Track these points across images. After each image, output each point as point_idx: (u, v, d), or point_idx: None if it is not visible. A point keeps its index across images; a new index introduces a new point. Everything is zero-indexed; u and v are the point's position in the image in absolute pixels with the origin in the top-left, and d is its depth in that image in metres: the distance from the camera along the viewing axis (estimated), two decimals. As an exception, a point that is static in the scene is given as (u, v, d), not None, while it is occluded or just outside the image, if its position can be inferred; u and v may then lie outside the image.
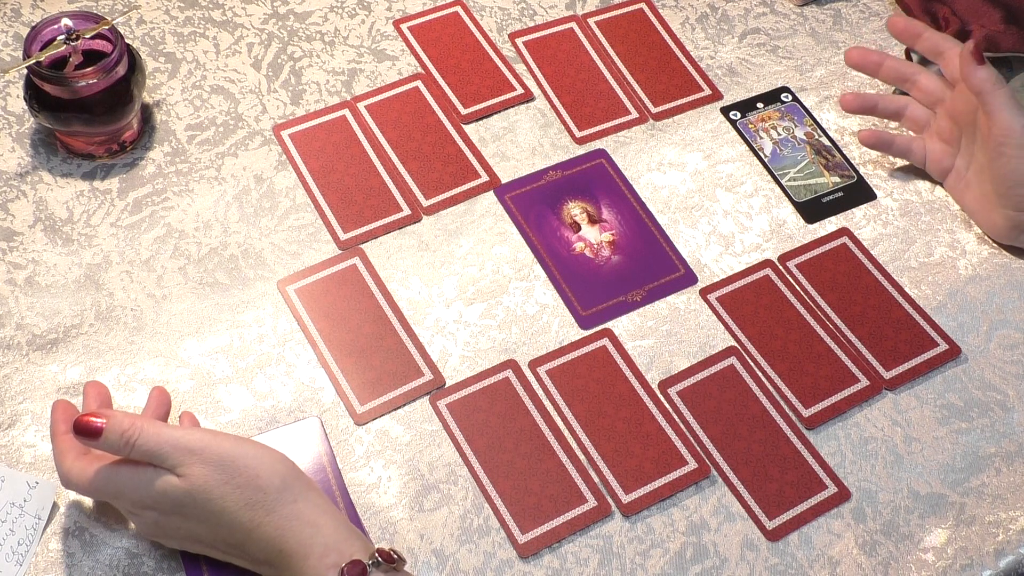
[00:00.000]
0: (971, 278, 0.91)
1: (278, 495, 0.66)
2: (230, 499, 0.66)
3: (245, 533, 0.66)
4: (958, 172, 0.93)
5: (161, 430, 0.67)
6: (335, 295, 0.85)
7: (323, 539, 0.66)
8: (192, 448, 0.66)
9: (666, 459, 0.79)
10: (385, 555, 0.66)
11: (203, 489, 0.66)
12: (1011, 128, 0.86)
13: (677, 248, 0.91)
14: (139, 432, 0.66)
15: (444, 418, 0.80)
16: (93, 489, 0.69)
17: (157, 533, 0.69)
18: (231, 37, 0.99)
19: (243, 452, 0.67)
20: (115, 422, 0.66)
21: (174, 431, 0.67)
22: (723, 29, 1.05)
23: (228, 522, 0.66)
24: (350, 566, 0.65)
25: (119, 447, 0.66)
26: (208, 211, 0.88)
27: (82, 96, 0.84)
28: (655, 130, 0.98)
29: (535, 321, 0.85)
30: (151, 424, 0.67)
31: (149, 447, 0.66)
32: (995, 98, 0.86)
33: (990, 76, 0.87)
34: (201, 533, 0.68)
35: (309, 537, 0.66)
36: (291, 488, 0.67)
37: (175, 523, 0.68)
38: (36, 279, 0.83)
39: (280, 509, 0.66)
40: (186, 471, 0.66)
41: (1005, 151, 0.86)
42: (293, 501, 0.67)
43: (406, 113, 0.96)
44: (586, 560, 0.75)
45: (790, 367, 0.84)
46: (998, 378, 0.86)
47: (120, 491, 0.68)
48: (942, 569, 0.77)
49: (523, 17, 1.04)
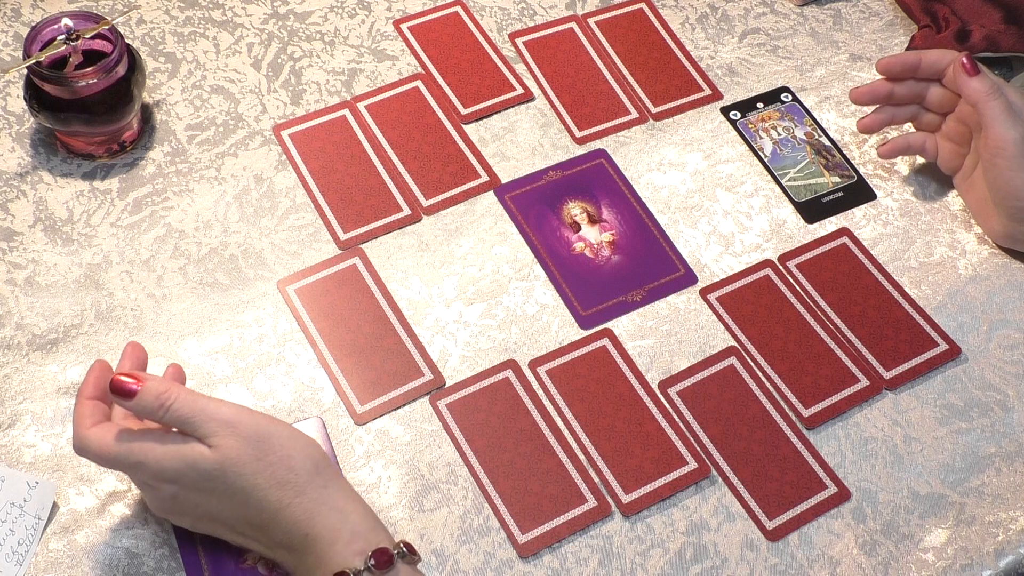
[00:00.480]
0: (971, 278, 0.91)
1: (310, 478, 0.66)
2: (262, 476, 0.65)
3: (272, 513, 0.65)
4: (965, 171, 0.93)
5: (197, 398, 0.66)
6: (335, 295, 0.85)
7: (351, 526, 0.65)
8: (228, 420, 0.65)
9: (666, 459, 0.79)
10: (410, 547, 0.66)
11: (235, 462, 0.65)
12: (1004, 140, 0.86)
13: (677, 248, 0.91)
14: (175, 397, 0.65)
15: (444, 418, 0.80)
16: (112, 456, 0.66)
17: (173, 509, 0.68)
18: (231, 37, 0.99)
19: (278, 431, 0.66)
20: (152, 384, 0.65)
21: (210, 401, 0.66)
22: (723, 29, 1.05)
23: (256, 500, 0.65)
24: (378, 553, 0.64)
25: (153, 409, 0.65)
26: (208, 211, 0.88)
27: (82, 96, 0.84)
28: (655, 130, 0.98)
29: (535, 321, 0.85)
30: (187, 391, 0.66)
31: (184, 413, 0.65)
32: (989, 109, 0.86)
33: (983, 87, 0.87)
34: (223, 511, 0.66)
35: (337, 523, 0.65)
36: (323, 473, 0.67)
37: (195, 499, 0.66)
38: (36, 279, 0.83)
39: (311, 492, 0.66)
40: (219, 442, 0.65)
41: (998, 163, 0.86)
42: (324, 486, 0.66)
43: (406, 113, 0.96)
44: (586, 560, 0.75)
45: (790, 367, 0.84)
46: (998, 378, 0.86)
47: (142, 460, 0.65)
48: (942, 569, 0.77)
49: (523, 17, 1.04)
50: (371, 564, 0.64)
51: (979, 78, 0.87)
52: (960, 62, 0.88)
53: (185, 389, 0.66)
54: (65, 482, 0.74)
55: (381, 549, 0.65)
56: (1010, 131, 0.86)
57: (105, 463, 0.67)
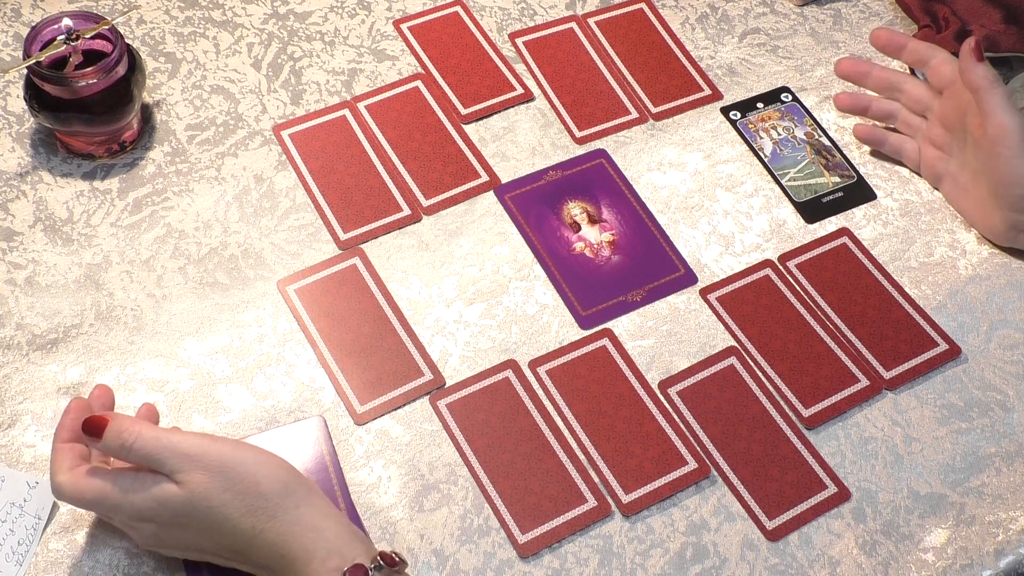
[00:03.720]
0: (971, 278, 0.91)
1: (280, 500, 0.66)
2: (230, 506, 0.65)
3: (247, 540, 0.66)
4: (953, 177, 0.93)
5: (160, 434, 0.66)
6: (335, 295, 0.85)
7: (326, 543, 0.65)
8: (190, 454, 0.65)
9: (666, 459, 0.79)
10: (387, 558, 0.66)
11: (203, 496, 0.65)
12: (1006, 128, 0.85)
13: (677, 248, 0.91)
14: (136, 435, 0.66)
15: (444, 418, 0.80)
16: (87, 502, 0.67)
17: (157, 544, 0.69)
18: (231, 37, 0.99)
19: (243, 458, 0.66)
20: (115, 423, 0.66)
21: (172, 435, 0.66)
22: (723, 29, 1.05)
23: (230, 530, 0.65)
24: (352, 570, 0.64)
25: (116, 448, 0.66)
26: (208, 211, 0.88)
27: (82, 96, 0.84)
28: (655, 130, 0.98)
29: (535, 321, 0.85)
30: (149, 428, 0.66)
31: (147, 451, 0.65)
32: (992, 96, 0.86)
33: (987, 74, 0.87)
34: (202, 542, 0.67)
35: (311, 542, 0.65)
36: (293, 493, 0.67)
37: (175, 534, 0.67)
38: (36, 279, 0.83)
39: (282, 515, 0.66)
40: (185, 478, 0.65)
41: (1001, 151, 0.86)
42: (295, 507, 0.66)
43: (406, 113, 0.96)
44: (586, 560, 0.75)
45: (790, 367, 0.84)
46: (998, 378, 0.86)
47: (117, 504, 0.66)
48: (942, 569, 0.77)
49: (523, 17, 1.04)
50: None
51: (984, 65, 0.87)
52: (971, 46, 0.88)
53: (148, 426, 0.66)
54: (65, 482, 0.74)
55: (356, 566, 0.65)
56: (1013, 118, 0.86)
57: (83, 507, 0.69)
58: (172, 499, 0.65)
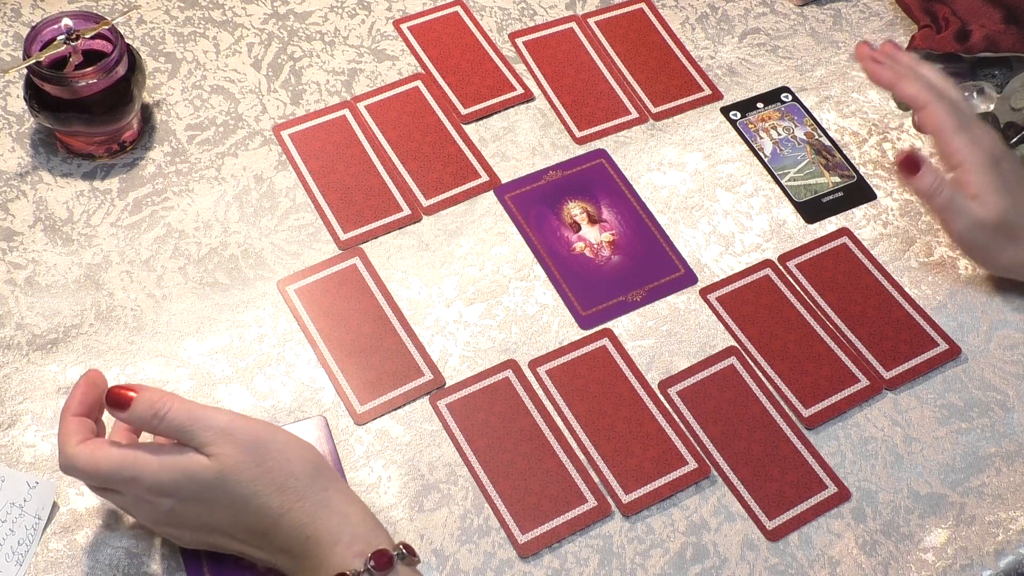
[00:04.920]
0: (971, 278, 0.91)
1: (310, 482, 0.66)
2: (262, 482, 0.65)
3: (273, 519, 0.65)
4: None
5: (192, 406, 0.65)
6: (335, 295, 0.85)
7: (351, 528, 0.65)
8: (225, 427, 0.65)
9: (666, 459, 0.79)
10: (409, 549, 0.66)
11: (235, 470, 0.64)
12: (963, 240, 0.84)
13: (677, 248, 0.91)
14: (169, 405, 0.65)
15: (444, 418, 0.80)
16: (103, 472, 0.65)
17: (169, 522, 0.67)
18: (231, 37, 0.99)
19: (275, 437, 0.66)
20: (146, 393, 0.65)
21: (205, 409, 0.65)
22: (723, 29, 1.05)
23: (257, 507, 0.65)
24: (377, 555, 0.64)
25: (147, 419, 0.65)
26: (208, 211, 0.88)
27: (82, 96, 0.84)
28: (655, 130, 0.98)
29: (535, 321, 0.85)
30: (181, 400, 0.65)
31: (179, 422, 0.64)
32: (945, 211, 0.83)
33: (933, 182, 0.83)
34: (222, 520, 0.66)
35: (337, 526, 0.65)
36: (322, 476, 0.67)
37: (195, 510, 0.66)
38: (36, 279, 0.83)
39: (311, 496, 0.66)
40: (217, 450, 0.64)
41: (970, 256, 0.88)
42: (324, 489, 0.66)
43: (406, 113, 0.96)
44: (586, 560, 0.75)
45: (790, 367, 0.84)
46: (998, 378, 0.86)
47: (137, 474, 0.64)
48: (942, 569, 0.77)
49: (523, 17, 1.04)
50: (371, 566, 0.64)
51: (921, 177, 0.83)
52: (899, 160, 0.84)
53: (180, 398, 0.66)
54: (65, 482, 0.74)
55: (381, 551, 0.65)
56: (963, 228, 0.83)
57: (95, 480, 0.66)
58: (202, 472, 0.64)
